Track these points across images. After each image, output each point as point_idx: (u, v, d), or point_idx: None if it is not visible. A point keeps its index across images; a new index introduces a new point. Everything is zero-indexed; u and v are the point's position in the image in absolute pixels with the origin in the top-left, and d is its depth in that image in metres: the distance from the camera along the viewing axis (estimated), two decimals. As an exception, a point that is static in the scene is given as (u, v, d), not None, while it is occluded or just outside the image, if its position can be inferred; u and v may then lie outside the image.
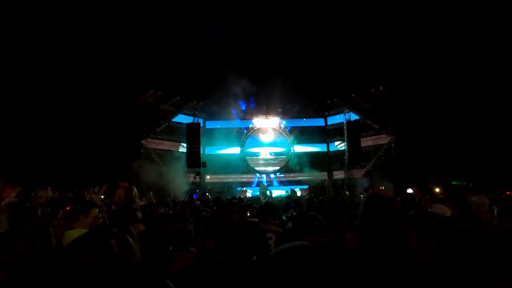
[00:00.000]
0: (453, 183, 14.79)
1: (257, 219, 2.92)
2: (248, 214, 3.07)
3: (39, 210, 3.01)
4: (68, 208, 5.69)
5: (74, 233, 2.40)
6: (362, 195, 8.61)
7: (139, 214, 2.77)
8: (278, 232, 2.93)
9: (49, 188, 8.83)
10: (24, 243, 1.96)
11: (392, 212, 1.39)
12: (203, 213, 3.98)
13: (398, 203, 4.00)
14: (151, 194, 8.30)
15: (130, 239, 0.90)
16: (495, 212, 3.58)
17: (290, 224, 3.57)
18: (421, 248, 1.41)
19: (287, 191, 15.99)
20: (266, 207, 4.00)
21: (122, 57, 14.31)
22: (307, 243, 1.19)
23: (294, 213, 4.09)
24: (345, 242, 2.51)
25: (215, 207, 4.24)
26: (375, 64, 16.03)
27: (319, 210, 3.86)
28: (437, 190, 8.20)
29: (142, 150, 16.61)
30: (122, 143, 15.30)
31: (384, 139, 17.74)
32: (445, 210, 2.97)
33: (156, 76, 16.24)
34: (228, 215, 2.31)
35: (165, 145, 18.33)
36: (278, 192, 17.23)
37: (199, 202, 6.73)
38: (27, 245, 1.94)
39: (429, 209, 2.93)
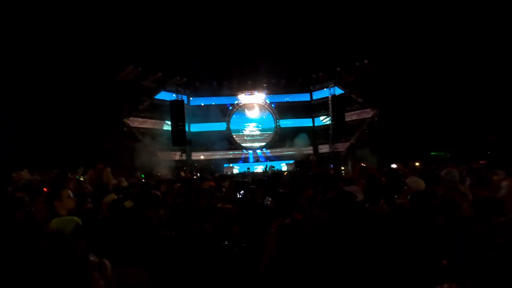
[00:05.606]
0: (432, 153, 15.44)
1: (231, 206, 2.93)
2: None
3: (26, 198, 2.94)
4: (45, 190, 5.54)
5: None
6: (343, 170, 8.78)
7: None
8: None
9: (26, 171, 8.54)
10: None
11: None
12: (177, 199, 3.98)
13: (382, 177, 4.16)
14: (139, 173, 8.24)
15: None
16: (467, 183, 3.69)
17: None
18: None
19: (271, 166, 16.19)
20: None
21: (98, 32, 13.48)
22: None
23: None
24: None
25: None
26: (360, 38, 15.88)
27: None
28: (417, 164, 8.53)
29: (125, 129, 16.18)
30: (103, 122, 14.80)
31: (368, 113, 18.01)
32: (419, 183, 3.15)
33: (135, 51, 15.47)
34: (195, 202, 2.32)
35: (149, 123, 17.91)
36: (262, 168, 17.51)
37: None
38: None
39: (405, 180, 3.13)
